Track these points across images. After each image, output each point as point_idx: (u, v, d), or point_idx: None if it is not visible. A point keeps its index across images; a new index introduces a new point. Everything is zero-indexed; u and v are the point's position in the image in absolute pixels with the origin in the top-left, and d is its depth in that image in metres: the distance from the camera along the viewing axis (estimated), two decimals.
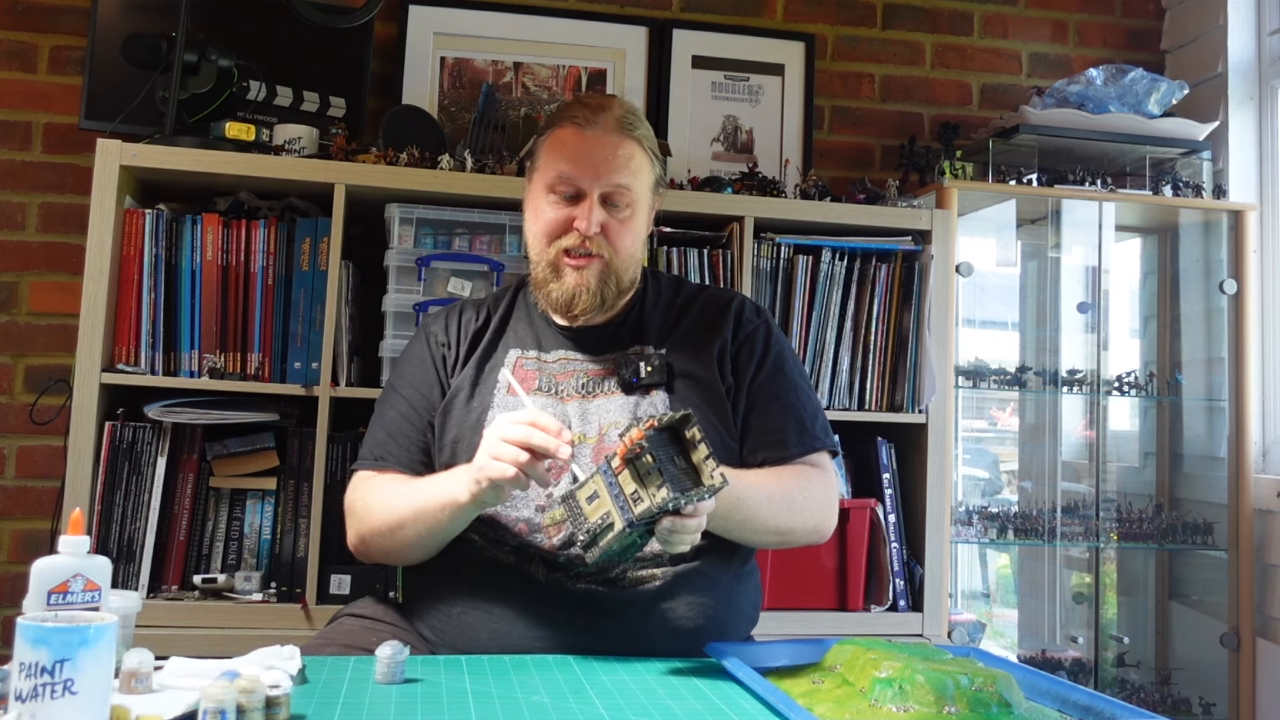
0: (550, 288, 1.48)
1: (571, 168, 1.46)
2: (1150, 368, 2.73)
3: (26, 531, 2.35)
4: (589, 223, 1.45)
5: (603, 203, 1.47)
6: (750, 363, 1.53)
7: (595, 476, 1.21)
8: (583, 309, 1.48)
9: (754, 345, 1.54)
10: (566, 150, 1.47)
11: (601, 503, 1.20)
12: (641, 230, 1.53)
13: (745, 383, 1.52)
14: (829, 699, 1.10)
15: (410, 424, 1.51)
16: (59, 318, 2.38)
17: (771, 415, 1.50)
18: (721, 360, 1.51)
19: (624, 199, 1.47)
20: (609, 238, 1.47)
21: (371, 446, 1.51)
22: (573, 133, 1.48)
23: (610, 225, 1.47)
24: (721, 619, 1.43)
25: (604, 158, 1.46)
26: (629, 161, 1.48)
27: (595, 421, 1.44)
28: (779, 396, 1.52)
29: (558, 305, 1.49)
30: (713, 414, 1.47)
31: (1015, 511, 2.54)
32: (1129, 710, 1.07)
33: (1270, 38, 2.71)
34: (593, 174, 1.46)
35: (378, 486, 1.46)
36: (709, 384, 1.48)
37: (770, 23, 2.76)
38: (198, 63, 2.13)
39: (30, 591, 0.98)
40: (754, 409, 1.51)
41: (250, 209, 2.16)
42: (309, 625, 1.96)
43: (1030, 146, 2.52)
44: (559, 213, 1.47)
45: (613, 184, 1.46)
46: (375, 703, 1.08)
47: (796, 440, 1.49)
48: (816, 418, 1.54)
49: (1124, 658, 2.62)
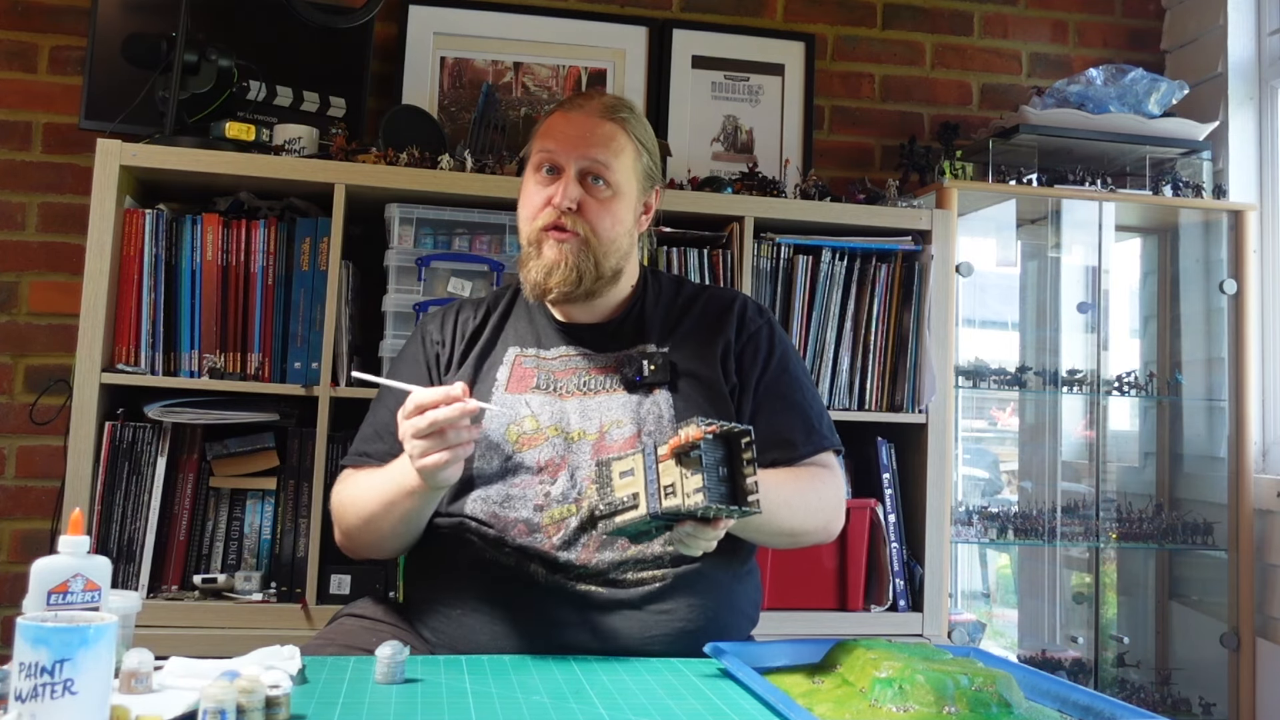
0: (530, 265, 1.49)
1: (553, 142, 1.49)
2: (1150, 368, 2.73)
3: (26, 531, 2.35)
4: (565, 196, 1.46)
5: (581, 180, 1.48)
6: (755, 363, 1.53)
7: (635, 455, 1.20)
8: (558, 283, 1.46)
9: (758, 345, 1.54)
10: (552, 130, 1.51)
11: (634, 482, 1.19)
12: (624, 215, 1.51)
13: (751, 383, 1.51)
14: (829, 699, 1.10)
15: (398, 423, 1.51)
16: (59, 318, 2.38)
17: (779, 416, 1.50)
18: (725, 360, 1.51)
19: (602, 174, 1.48)
20: (586, 216, 1.47)
21: (359, 443, 1.53)
22: (559, 116, 1.52)
23: (588, 203, 1.47)
24: (721, 619, 1.43)
25: (583, 135, 1.48)
26: (609, 141, 1.49)
27: (596, 419, 1.44)
28: (785, 396, 1.52)
29: (535, 284, 1.49)
30: (716, 414, 1.46)
31: (1015, 511, 2.54)
32: (1129, 710, 1.07)
33: (1270, 38, 2.71)
34: (570, 148, 1.47)
35: (354, 482, 1.48)
36: (712, 383, 1.48)
37: (770, 23, 2.76)
38: (198, 63, 2.13)
39: (30, 591, 0.98)
40: (761, 410, 1.50)
41: (250, 209, 2.16)
42: (309, 625, 1.96)
43: (1030, 146, 2.52)
44: (541, 192, 1.49)
45: (589, 158, 1.47)
46: (375, 703, 1.07)
47: (805, 440, 1.49)
48: (822, 417, 1.54)
49: (1124, 658, 2.62)
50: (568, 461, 1.41)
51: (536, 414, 1.45)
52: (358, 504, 1.44)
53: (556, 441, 1.42)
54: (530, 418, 1.45)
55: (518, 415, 1.45)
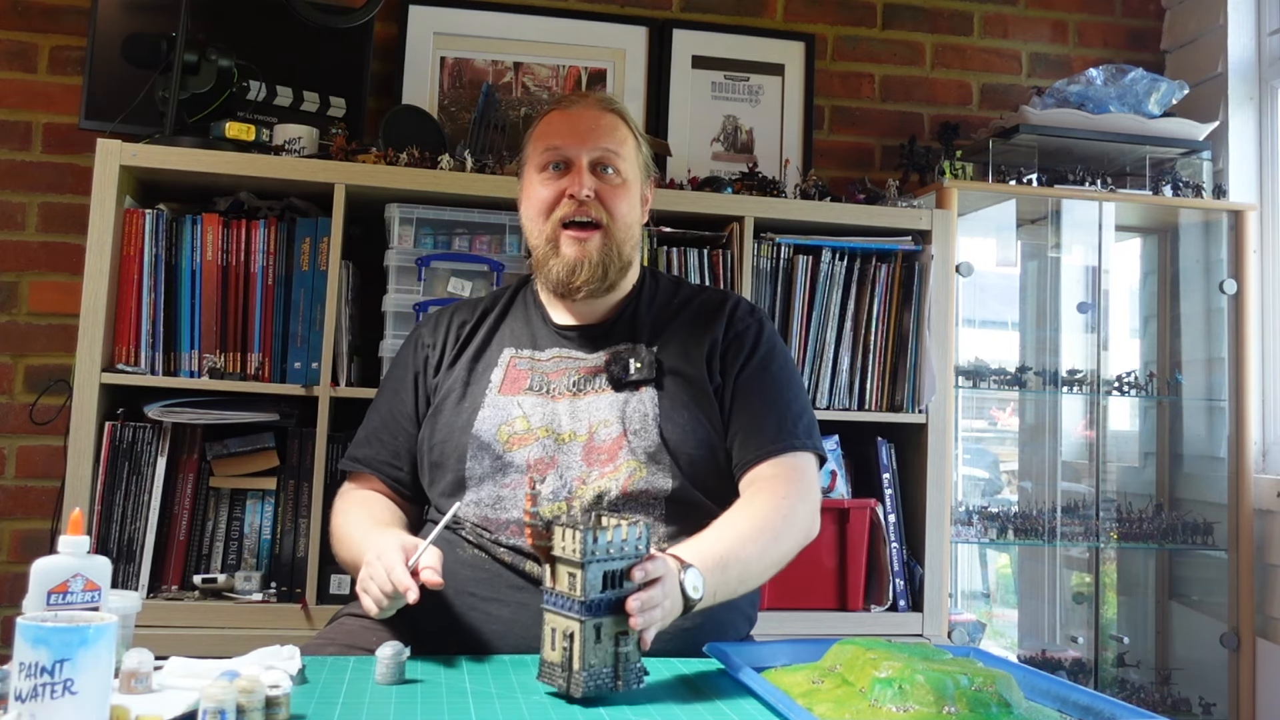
0: (551, 264, 1.49)
1: (559, 139, 1.49)
2: (1150, 368, 2.73)
3: (26, 531, 2.35)
4: (581, 185, 1.47)
5: (593, 170, 1.49)
6: (737, 359, 1.52)
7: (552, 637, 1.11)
8: (584, 280, 1.47)
9: (743, 342, 1.53)
10: (552, 128, 1.51)
11: (557, 636, 1.10)
12: (635, 203, 1.53)
13: (731, 378, 1.51)
14: (829, 699, 1.09)
15: (387, 429, 1.57)
16: (59, 318, 2.38)
17: (752, 411, 1.48)
18: (710, 358, 1.51)
19: (613, 163, 1.49)
20: (604, 202, 1.48)
21: (352, 447, 1.60)
22: (557, 114, 1.53)
23: (604, 190, 1.49)
24: (721, 619, 1.42)
25: (588, 127, 1.50)
26: (614, 130, 1.51)
27: (585, 419, 1.45)
28: (761, 393, 1.50)
29: (559, 282, 1.49)
30: (700, 412, 1.47)
31: (1015, 511, 2.54)
32: (1129, 710, 1.07)
33: (1270, 38, 2.70)
34: (579, 141, 1.49)
35: (343, 512, 1.52)
36: (697, 381, 1.48)
37: (770, 23, 2.76)
38: (198, 63, 2.13)
39: (30, 591, 0.98)
40: (735, 403, 1.49)
41: (250, 209, 2.16)
42: (309, 625, 1.96)
43: (1030, 146, 2.52)
44: (552, 188, 1.50)
45: (600, 148, 1.49)
46: (375, 703, 1.07)
47: (775, 438, 1.46)
48: (801, 418, 1.50)
49: (1124, 658, 2.62)
50: (557, 461, 1.42)
51: (528, 415, 1.45)
52: (343, 544, 1.48)
53: (546, 442, 1.43)
54: (522, 418, 1.45)
55: (509, 416, 1.46)
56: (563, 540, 1.09)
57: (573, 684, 1.07)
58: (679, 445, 1.44)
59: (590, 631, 1.07)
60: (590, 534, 1.07)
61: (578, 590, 1.07)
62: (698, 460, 1.45)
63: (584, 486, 1.41)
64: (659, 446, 1.43)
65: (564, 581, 1.09)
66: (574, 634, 1.07)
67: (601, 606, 1.08)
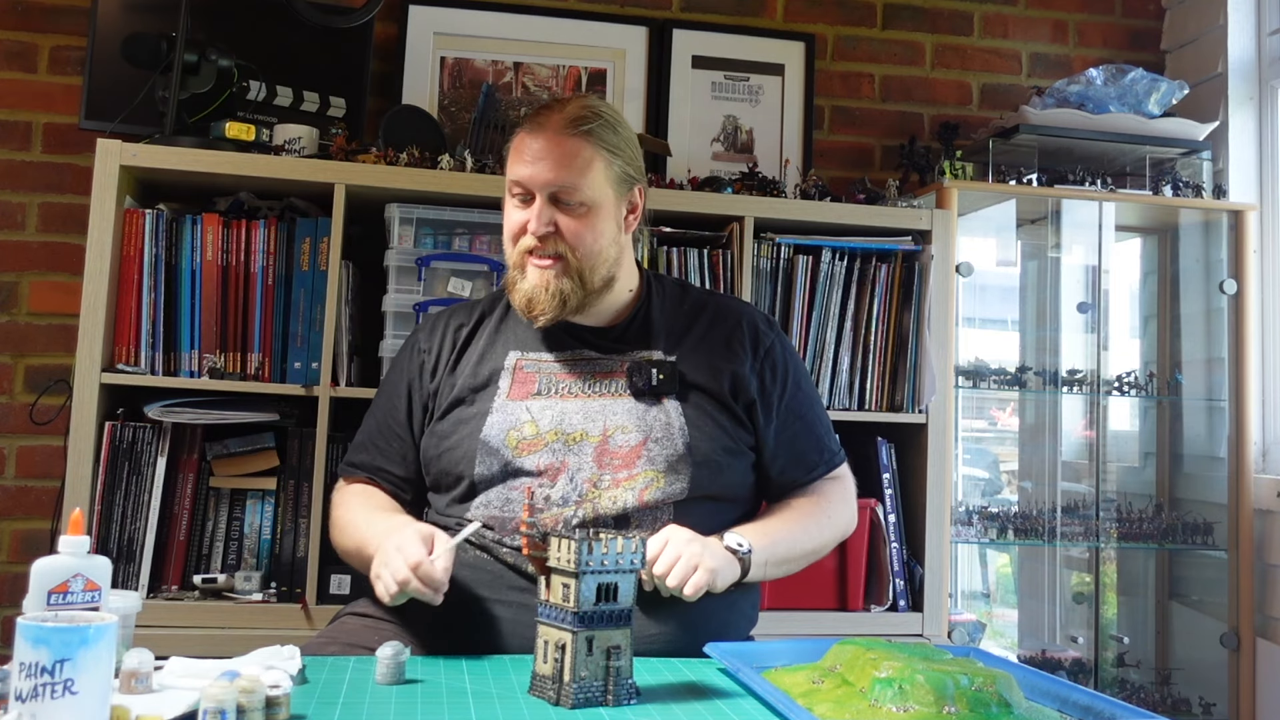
0: (516, 288, 1.51)
1: (521, 169, 1.48)
2: (1150, 368, 2.73)
3: (26, 531, 2.35)
4: (537, 223, 1.46)
5: (554, 203, 1.47)
6: (775, 383, 1.57)
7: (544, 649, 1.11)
8: (541, 309, 1.48)
9: (775, 363, 1.57)
10: (518, 156, 1.49)
11: (549, 648, 1.10)
12: (604, 227, 1.50)
13: (773, 405, 1.56)
14: (829, 699, 1.09)
15: (382, 434, 1.58)
16: (59, 318, 2.38)
17: (799, 438, 1.57)
18: (738, 381, 1.52)
19: (573, 197, 1.47)
20: (564, 236, 1.47)
21: (349, 452, 1.62)
22: (523, 137, 1.50)
23: (564, 224, 1.47)
24: (721, 619, 1.43)
25: (547, 160, 1.46)
26: (573, 160, 1.46)
27: (600, 421, 1.45)
28: (802, 416, 1.59)
29: (519, 308, 1.51)
30: (722, 430, 1.49)
31: (1015, 511, 2.54)
32: (1129, 710, 1.07)
33: (1270, 38, 2.70)
34: (537, 174, 1.46)
35: (344, 504, 1.55)
36: (719, 397, 1.50)
37: (770, 23, 2.76)
38: (198, 63, 2.13)
39: (30, 591, 0.98)
40: (782, 431, 1.56)
41: (250, 209, 2.16)
42: (309, 625, 1.96)
43: (1030, 146, 2.52)
44: (517, 216, 1.50)
45: (556, 185, 1.46)
46: (375, 703, 1.08)
47: (818, 461, 1.59)
48: (829, 428, 1.63)
49: (1124, 658, 2.62)
50: (567, 464, 1.42)
51: (536, 419, 1.45)
52: (344, 534, 1.52)
53: (556, 446, 1.43)
54: (530, 423, 1.45)
55: (518, 421, 1.46)
56: (558, 551, 1.10)
57: (562, 696, 1.08)
58: (705, 454, 1.46)
59: (582, 643, 1.07)
60: (585, 545, 1.08)
61: (571, 601, 1.08)
62: (722, 467, 1.48)
63: (595, 490, 1.41)
64: (681, 455, 1.44)
65: (558, 593, 1.10)
66: (565, 645, 1.08)
67: (595, 619, 1.08)
